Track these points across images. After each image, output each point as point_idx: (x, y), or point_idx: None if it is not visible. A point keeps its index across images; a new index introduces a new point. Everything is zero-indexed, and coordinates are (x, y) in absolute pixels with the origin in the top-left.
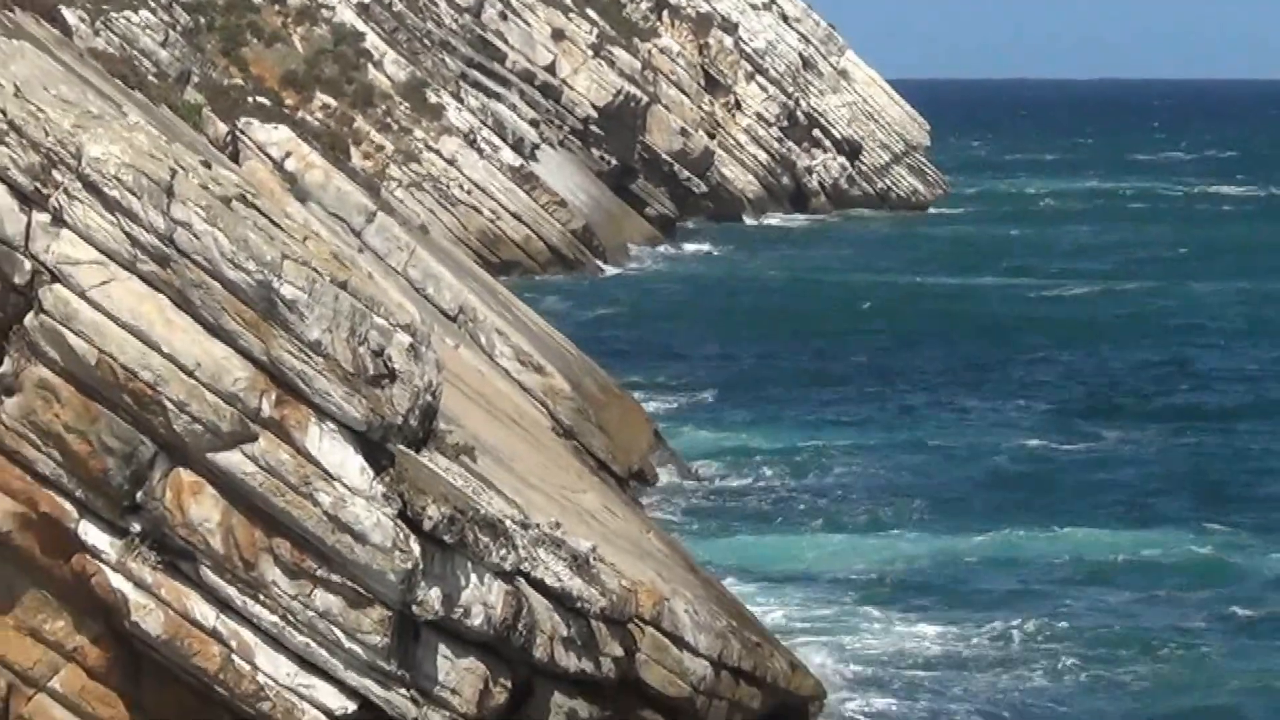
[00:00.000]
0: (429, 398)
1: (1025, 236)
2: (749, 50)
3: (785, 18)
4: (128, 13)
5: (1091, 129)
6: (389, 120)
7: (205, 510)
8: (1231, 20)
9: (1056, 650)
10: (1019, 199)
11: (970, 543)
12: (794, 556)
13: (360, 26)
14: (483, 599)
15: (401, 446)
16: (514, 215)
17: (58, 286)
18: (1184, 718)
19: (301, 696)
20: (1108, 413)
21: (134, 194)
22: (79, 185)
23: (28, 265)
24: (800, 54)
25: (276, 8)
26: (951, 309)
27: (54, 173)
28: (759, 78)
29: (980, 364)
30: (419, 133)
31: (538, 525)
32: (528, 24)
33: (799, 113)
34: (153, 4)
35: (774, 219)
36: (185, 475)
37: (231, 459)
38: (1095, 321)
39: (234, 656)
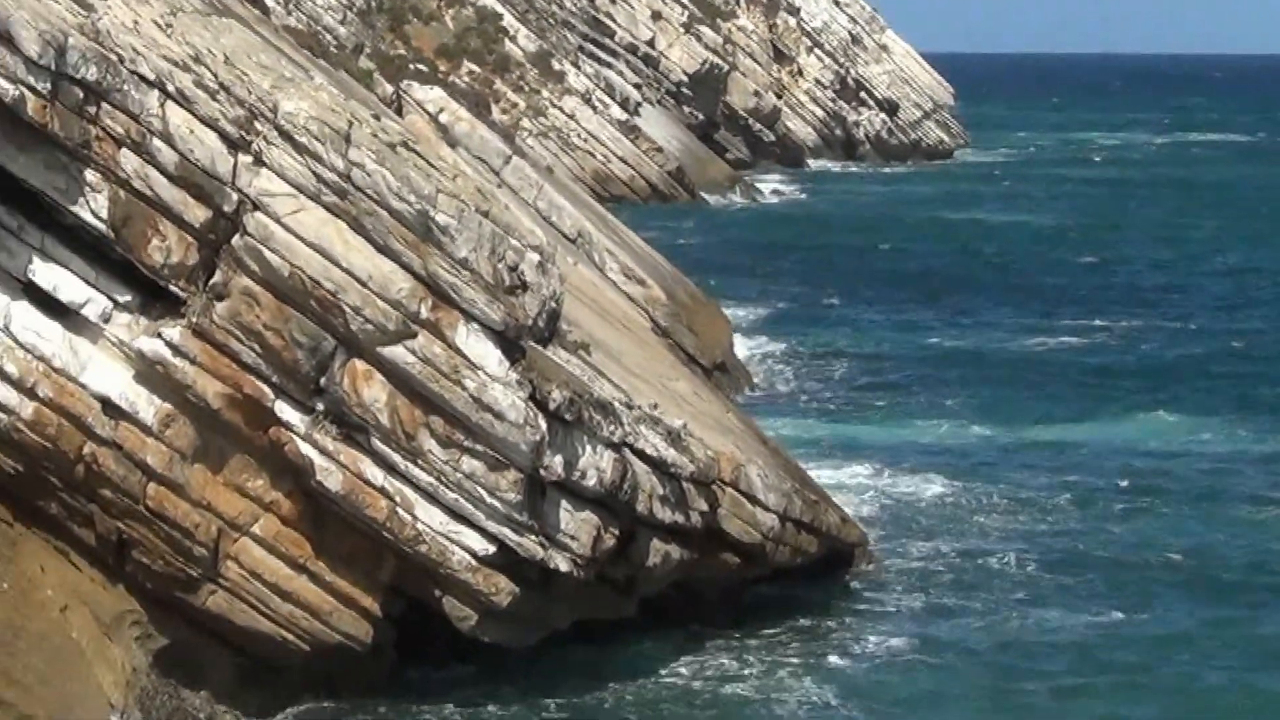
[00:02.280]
0: (554, 304)
1: (1029, 176)
2: (809, 29)
3: (837, 2)
4: None
5: (1078, 95)
6: (521, 83)
7: (375, 393)
8: None
9: (1079, 509)
10: (1024, 147)
11: (1001, 425)
12: (846, 432)
13: (499, 8)
14: (596, 465)
15: (531, 343)
16: (621, 159)
17: (258, 214)
18: (1196, 553)
19: (452, 541)
20: (1114, 318)
21: (319, 140)
22: (275, 133)
23: (234, 197)
24: (849, 32)
25: None
26: (972, 234)
27: (255, 123)
28: (817, 51)
29: (994, 281)
30: (545, 93)
31: (640, 406)
32: (632, 6)
33: (848, 79)
34: None
35: (829, 164)
36: (359, 365)
37: (396, 352)
38: (1088, 242)
39: (398, 509)
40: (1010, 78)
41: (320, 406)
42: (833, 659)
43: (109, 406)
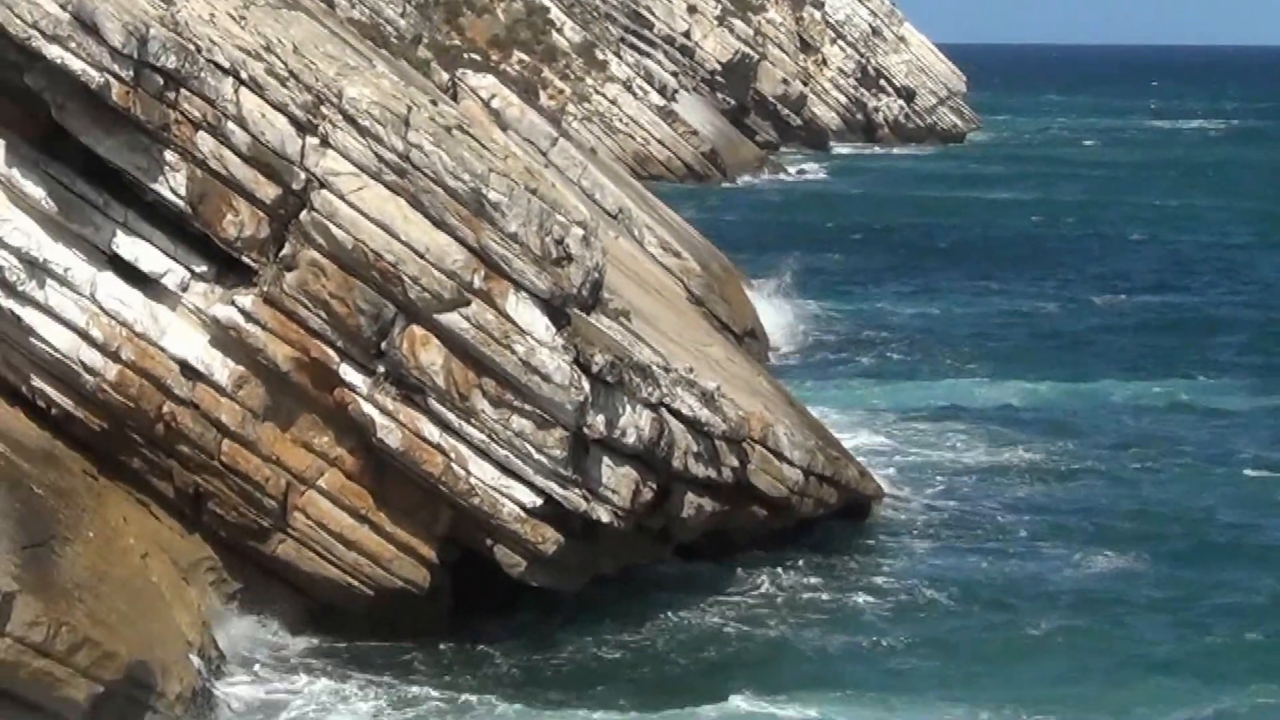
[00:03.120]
0: (596, 275)
1: (1036, 157)
2: (832, 21)
3: None
4: None
5: (1081, 84)
6: (567, 71)
7: (432, 356)
8: None
9: (1087, 466)
10: (1031, 131)
11: (1011, 386)
12: (865, 392)
13: (546, 2)
14: (635, 423)
15: (576, 310)
16: (659, 141)
17: (324, 191)
18: (1198, 508)
19: (502, 494)
20: (1118, 286)
21: (380, 124)
22: (340, 117)
23: (302, 176)
24: (870, 24)
25: None
26: (983, 210)
27: (322, 108)
28: (840, 42)
29: (1005, 253)
30: (589, 81)
31: (676, 369)
32: (669, 1)
33: (869, 68)
34: None
35: (851, 146)
36: (418, 330)
37: (451, 318)
38: (1091, 217)
39: (453, 464)
40: (1019, 67)
41: (381, 369)
42: (853, 603)
43: (187, 369)
